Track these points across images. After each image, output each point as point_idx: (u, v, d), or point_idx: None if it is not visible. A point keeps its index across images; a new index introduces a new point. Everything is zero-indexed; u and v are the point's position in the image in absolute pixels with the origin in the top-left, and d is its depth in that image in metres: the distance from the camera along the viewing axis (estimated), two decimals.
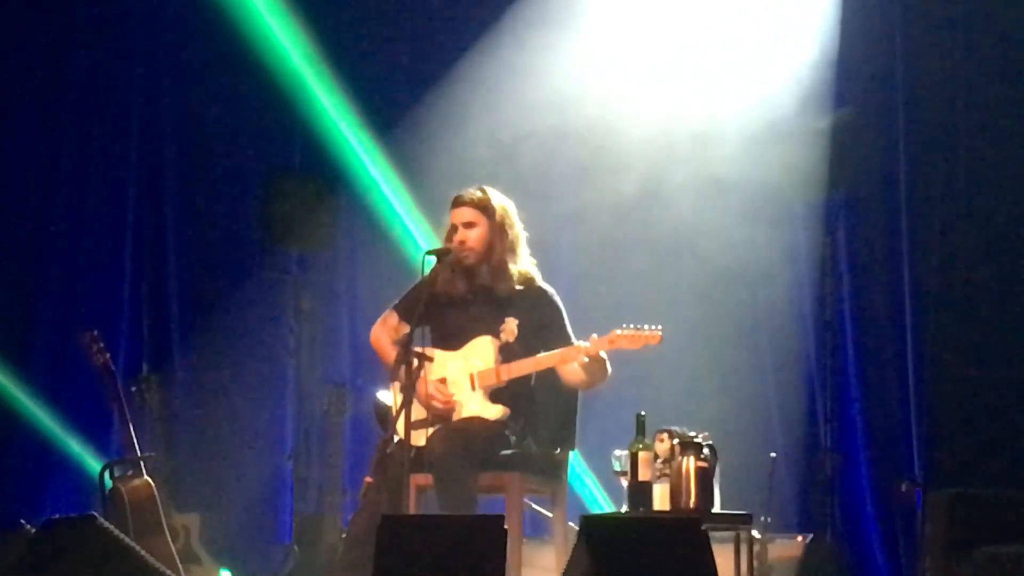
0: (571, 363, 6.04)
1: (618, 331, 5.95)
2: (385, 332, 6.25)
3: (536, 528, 7.05)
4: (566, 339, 6.14)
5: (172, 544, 7.10)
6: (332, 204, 8.54)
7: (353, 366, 8.54)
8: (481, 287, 6.20)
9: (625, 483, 5.77)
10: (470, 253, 6.14)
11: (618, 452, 5.85)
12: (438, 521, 5.27)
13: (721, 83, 8.06)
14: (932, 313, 7.74)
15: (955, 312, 7.68)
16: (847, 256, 8.00)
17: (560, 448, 6.22)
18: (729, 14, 8.10)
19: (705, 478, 5.65)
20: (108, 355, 7.27)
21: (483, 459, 5.93)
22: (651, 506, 5.67)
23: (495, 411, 6.06)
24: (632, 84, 8.16)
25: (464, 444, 5.89)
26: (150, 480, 7.10)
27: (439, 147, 8.26)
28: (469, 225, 6.15)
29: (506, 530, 4.85)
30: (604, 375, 6.08)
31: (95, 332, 7.29)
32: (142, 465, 7.15)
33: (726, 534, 5.85)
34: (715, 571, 4.83)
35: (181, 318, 8.72)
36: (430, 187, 8.22)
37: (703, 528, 4.95)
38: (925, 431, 7.69)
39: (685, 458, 5.65)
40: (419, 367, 5.74)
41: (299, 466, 8.43)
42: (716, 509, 5.71)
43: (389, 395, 6.10)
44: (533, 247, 6.32)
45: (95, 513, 5.11)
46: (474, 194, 6.20)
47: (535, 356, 6.08)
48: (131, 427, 7.15)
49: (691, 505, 5.62)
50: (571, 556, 4.95)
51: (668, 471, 5.69)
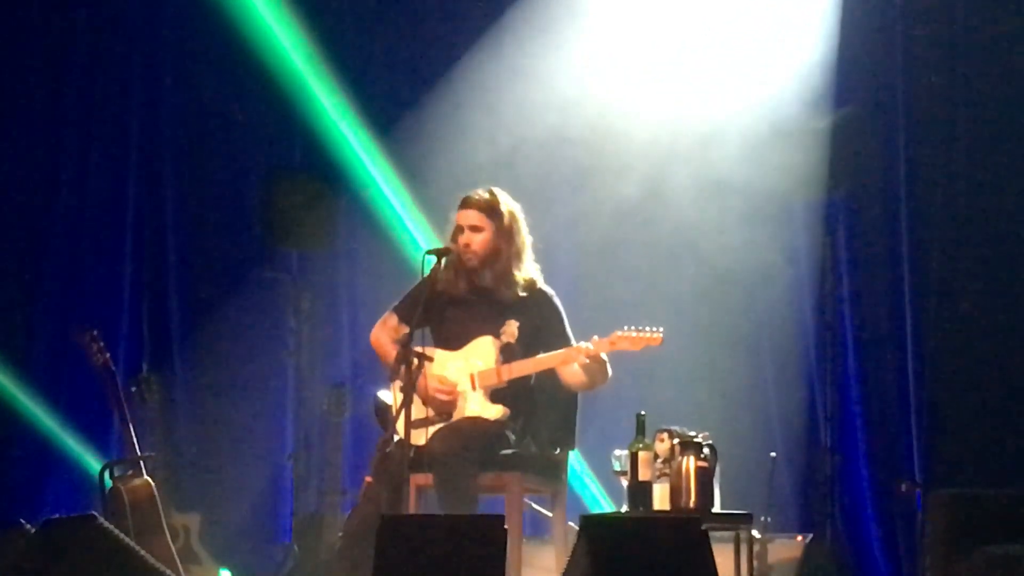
0: (572, 364, 6.04)
1: (619, 332, 5.96)
2: (385, 333, 6.25)
3: (536, 528, 7.04)
4: (566, 340, 6.13)
5: (172, 544, 7.10)
6: (332, 204, 8.53)
7: (353, 366, 8.53)
8: (482, 288, 6.19)
9: (625, 483, 5.77)
10: (473, 256, 6.13)
11: (618, 452, 5.85)
12: (438, 521, 5.26)
13: (721, 83, 8.06)
14: (932, 313, 7.73)
15: (955, 312, 7.68)
16: (847, 256, 7.99)
17: (560, 448, 6.22)
18: (729, 14, 8.10)
19: (705, 478, 5.65)
20: (108, 355, 7.26)
21: (484, 459, 5.93)
22: (651, 506, 5.67)
23: (495, 411, 6.06)
24: (632, 84, 8.15)
25: (465, 444, 5.89)
26: (150, 480, 7.09)
27: (439, 147, 8.26)
28: (475, 229, 6.12)
29: (506, 530, 4.85)
30: (605, 377, 6.08)
31: (95, 332, 7.29)
32: (142, 465, 7.14)
33: (726, 534, 5.85)
34: (715, 571, 4.84)
35: (181, 318, 8.71)
36: (430, 187, 8.22)
37: (703, 528, 4.95)
38: (925, 431, 7.69)
39: (685, 458, 5.65)
40: (419, 366, 5.75)
41: (299, 466, 8.43)
42: (716, 509, 5.71)
43: (389, 395, 6.10)
44: (534, 249, 6.31)
45: (95, 513, 5.11)
46: (483, 197, 6.16)
47: (536, 356, 6.08)
48: (131, 427, 7.14)
49: (691, 505, 5.61)
50: (571, 556, 4.95)
51: (668, 471, 5.69)
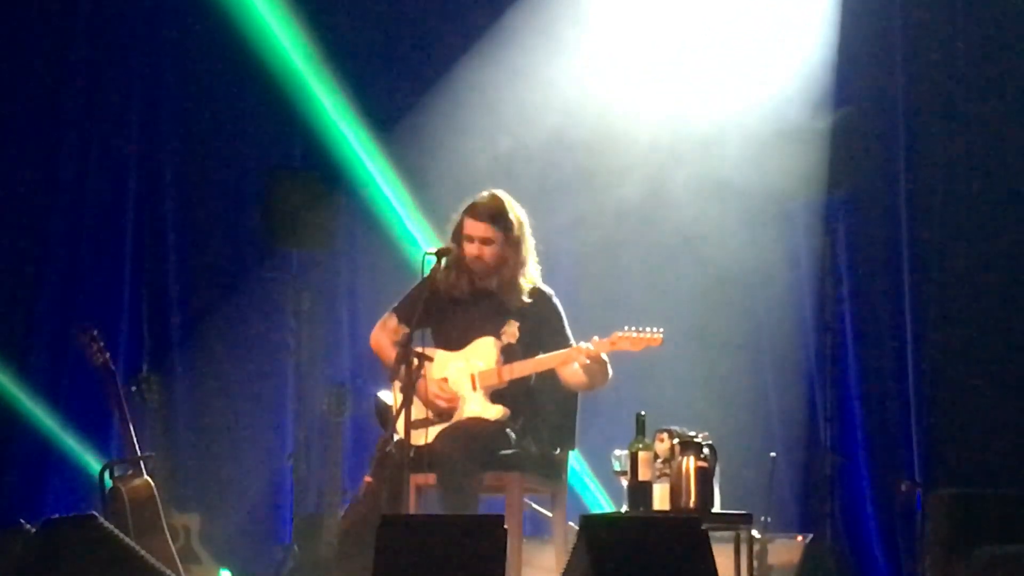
0: (572, 364, 6.04)
1: (620, 333, 5.96)
2: (385, 335, 6.24)
3: (536, 528, 7.04)
4: (565, 340, 6.13)
5: (172, 544, 7.09)
6: (332, 204, 8.53)
7: (353, 366, 8.53)
8: (484, 290, 6.19)
9: (625, 483, 5.77)
10: (484, 267, 6.14)
11: (618, 452, 5.85)
12: (438, 521, 5.26)
13: (721, 84, 8.06)
14: (932, 313, 7.73)
15: (955, 312, 7.68)
16: (847, 256, 7.99)
17: (560, 448, 6.22)
18: (729, 14, 8.10)
19: (705, 478, 5.65)
20: (108, 355, 7.25)
21: (485, 459, 5.94)
22: (651, 506, 5.67)
23: (495, 411, 6.06)
24: (632, 85, 8.15)
25: (469, 444, 5.89)
26: (150, 480, 7.09)
27: (440, 147, 8.25)
28: (486, 241, 6.12)
29: (506, 530, 4.85)
30: (605, 377, 6.08)
31: (95, 332, 7.28)
32: (142, 465, 7.13)
33: (726, 534, 5.85)
34: (715, 571, 4.84)
35: (181, 318, 8.71)
36: (430, 187, 8.22)
37: (703, 528, 4.95)
38: (925, 431, 7.69)
39: (685, 458, 5.65)
40: (419, 367, 5.75)
41: (299, 466, 8.43)
42: (716, 509, 5.71)
43: (390, 395, 6.10)
44: (535, 249, 6.31)
45: (95, 513, 5.11)
46: (492, 206, 6.12)
47: (536, 357, 6.08)
48: (131, 427, 7.14)
49: (691, 505, 5.62)
50: (571, 556, 4.95)
51: (668, 471, 5.69)
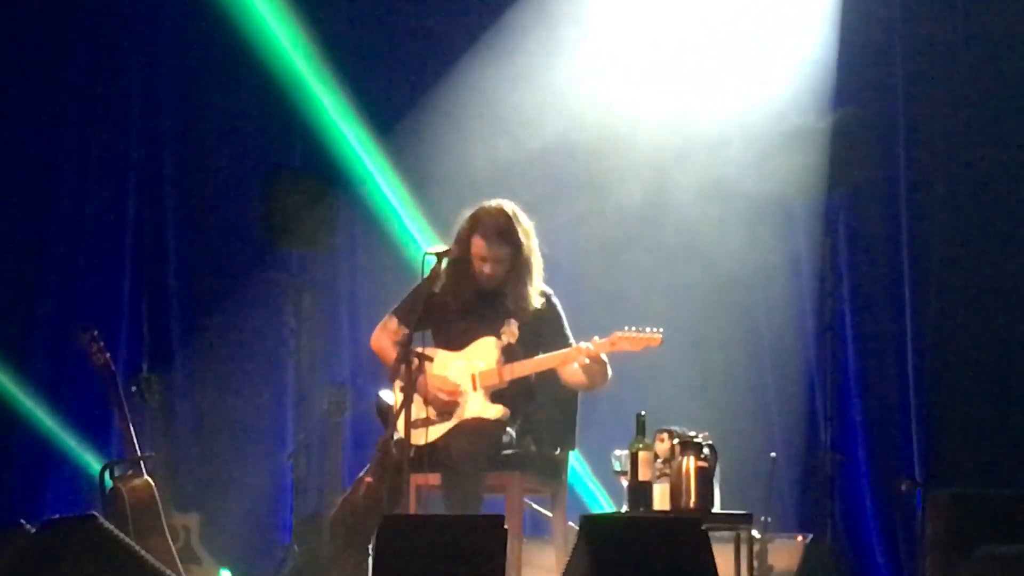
0: (572, 364, 6.04)
1: (619, 333, 5.96)
2: (386, 336, 6.25)
3: (536, 528, 7.04)
4: (565, 341, 6.14)
5: (172, 544, 7.09)
6: (332, 204, 8.53)
7: (353, 366, 8.53)
8: (487, 292, 6.18)
9: (625, 483, 5.77)
10: (492, 281, 6.14)
11: (618, 452, 5.85)
12: (438, 521, 5.27)
13: (721, 84, 8.05)
14: (932, 312, 7.73)
15: (955, 311, 7.67)
16: (847, 256, 7.99)
17: (560, 448, 6.22)
18: (729, 14, 8.10)
19: (705, 478, 5.65)
20: (108, 355, 7.25)
21: (489, 459, 5.94)
22: (651, 506, 5.67)
23: (495, 411, 6.06)
24: (632, 85, 8.15)
25: (475, 443, 5.90)
26: (150, 480, 7.09)
27: (440, 147, 8.25)
28: (496, 259, 6.12)
29: (506, 530, 4.85)
30: (604, 378, 6.08)
31: (95, 332, 7.28)
32: (142, 465, 7.13)
33: (726, 534, 5.85)
34: (715, 571, 4.84)
35: (181, 318, 8.71)
36: (431, 186, 8.22)
37: (703, 528, 4.95)
38: (925, 431, 7.69)
39: (685, 458, 5.65)
40: (419, 367, 5.75)
41: (299, 466, 8.42)
42: (716, 509, 5.71)
43: (391, 394, 6.10)
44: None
45: (95, 513, 5.11)
46: (501, 226, 6.10)
47: (536, 357, 6.08)
48: (131, 427, 7.14)
49: (691, 505, 5.62)
50: (571, 556, 4.95)
51: (668, 471, 5.69)
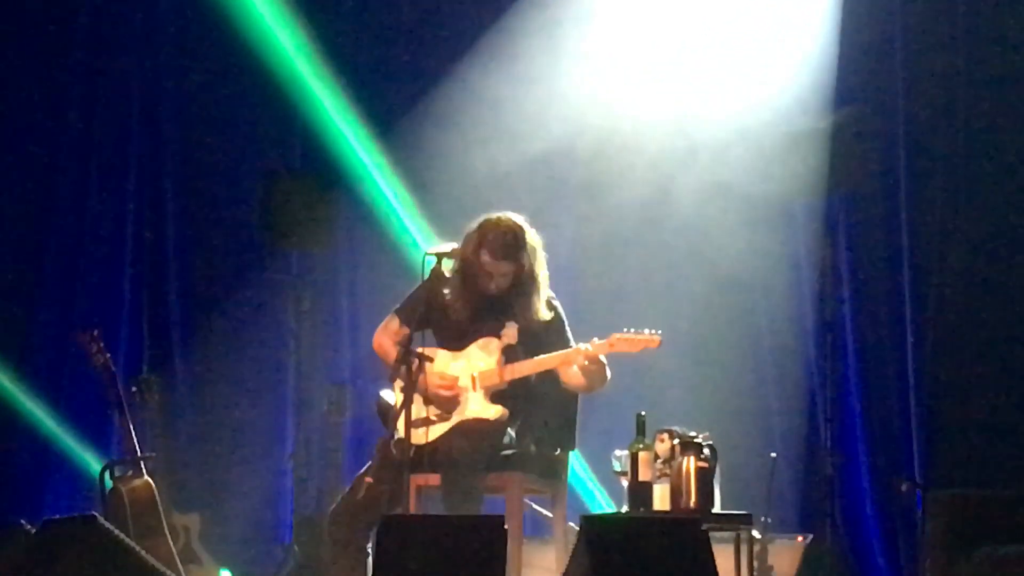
0: (572, 365, 6.04)
1: (618, 335, 5.96)
2: (387, 336, 6.24)
3: (536, 528, 7.04)
4: (566, 343, 6.14)
5: (172, 544, 7.09)
6: (332, 204, 8.53)
7: (353, 366, 8.53)
8: (492, 298, 6.18)
9: (625, 483, 5.76)
10: (498, 291, 6.15)
11: (618, 452, 5.84)
12: (438, 521, 5.27)
13: (721, 84, 8.06)
14: (932, 313, 7.73)
15: (955, 312, 7.68)
16: (847, 256, 8.00)
17: (560, 448, 6.22)
18: (729, 15, 8.10)
19: (705, 478, 5.65)
20: (108, 355, 7.25)
21: (489, 459, 5.94)
22: (651, 506, 5.67)
23: (494, 411, 6.06)
24: (632, 85, 8.16)
25: (475, 444, 5.89)
26: (150, 480, 7.08)
27: (440, 147, 8.25)
28: (502, 274, 6.13)
29: (506, 530, 4.85)
30: (603, 379, 6.07)
31: (95, 332, 7.28)
32: (142, 465, 7.13)
33: (726, 534, 5.85)
34: (715, 571, 4.84)
35: (181, 318, 8.72)
36: (431, 187, 8.23)
37: (703, 528, 4.95)
38: (925, 431, 7.70)
39: (685, 458, 5.64)
40: (419, 367, 5.75)
41: (299, 466, 8.43)
42: (716, 509, 5.70)
43: (392, 394, 6.10)
44: None
45: (95, 513, 5.11)
46: (509, 243, 6.06)
47: (536, 358, 6.08)
48: (131, 427, 7.14)
49: (691, 505, 5.61)
50: (571, 556, 4.95)
51: (668, 471, 5.68)
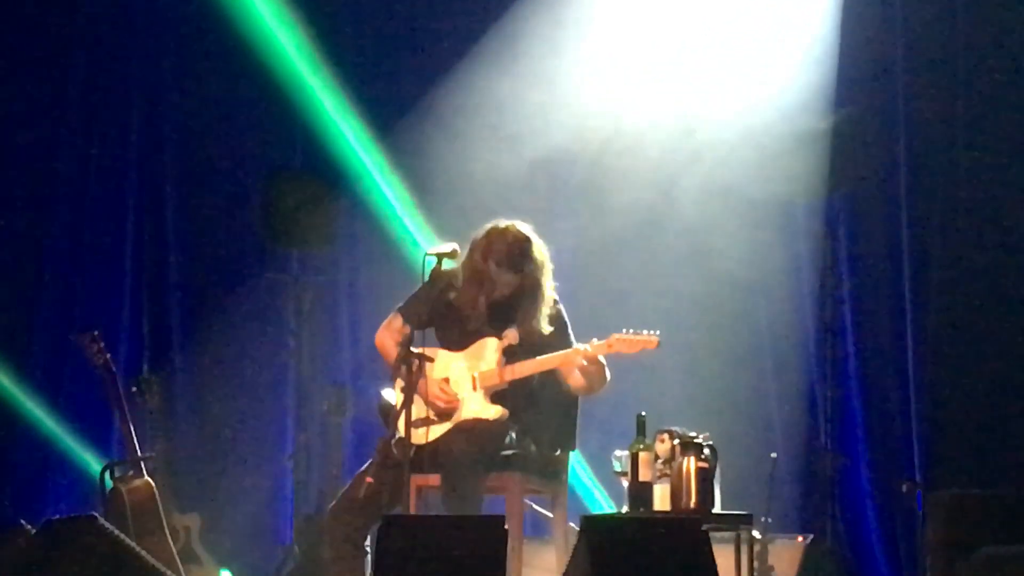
0: (572, 366, 6.04)
1: (617, 335, 5.97)
2: (390, 334, 6.24)
3: (537, 528, 7.04)
4: (568, 343, 6.14)
5: (172, 544, 7.10)
6: (332, 204, 8.53)
7: (353, 366, 8.54)
8: (497, 303, 6.17)
9: (626, 483, 5.77)
10: (502, 297, 6.15)
11: (619, 452, 5.84)
12: (438, 521, 5.27)
13: (721, 85, 8.06)
14: (932, 313, 7.73)
15: (955, 312, 7.67)
16: (847, 256, 7.99)
17: (561, 449, 6.22)
18: (729, 15, 8.10)
19: (705, 478, 5.65)
20: (108, 355, 7.25)
21: (490, 460, 5.94)
22: (651, 506, 5.67)
23: (494, 412, 6.06)
24: (632, 85, 8.15)
25: (475, 444, 5.89)
26: (150, 480, 7.09)
27: (441, 148, 8.25)
28: (506, 284, 6.12)
29: (506, 530, 4.85)
30: (603, 381, 6.08)
31: (95, 332, 7.28)
32: (142, 465, 7.14)
33: (726, 534, 5.85)
34: (715, 571, 4.84)
35: (181, 318, 8.72)
36: (431, 187, 8.22)
37: (703, 528, 4.95)
38: (925, 431, 7.69)
39: (685, 458, 5.65)
40: (419, 368, 5.75)
41: (299, 467, 8.43)
42: (716, 509, 5.71)
43: (393, 393, 6.10)
44: None
45: (95, 513, 5.11)
46: (516, 255, 6.07)
47: (536, 358, 6.08)
48: (131, 427, 7.14)
49: (691, 505, 5.61)
50: (572, 556, 4.95)
51: (669, 471, 5.69)
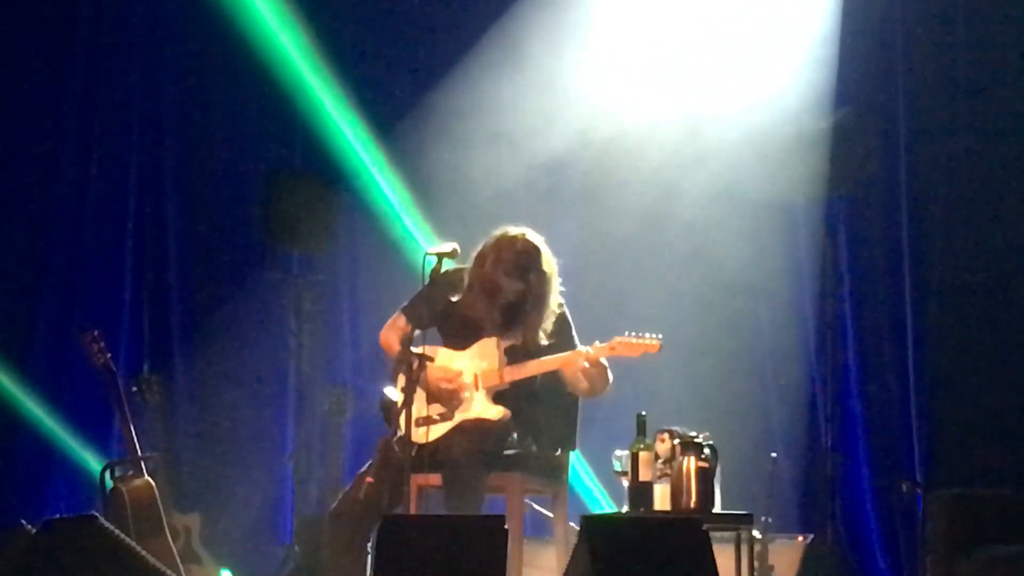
0: (574, 368, 6.05)
1: (619, 338, 5.98)
2: (393, 333, 6.24)
3: (537, 528, 7.04)
4: (571, 345, 6.14)
5: (173, 544, 7.10)
6: (332, 204, 8.53)
7: (354, 366, 8.53)
8: (503, 306, 6.17)
9: (626, 483, 5.77)
10: (507, 301, 6.15)
11: (619, 452, 5.84)
12: (439, 521, 5.27)
13: (721, 86, 8.06)
14: (932, 313, 7.74)
15: (955, 312, 7.68)
16: (847, 256, 8.00)
17: (561, 448, 6.22)
18: (729, 15, 8.10)
19: (706, 478, 5.65)
20: (109, 355, 7.25)
21: (491, 459, 5.94)
22: (652, 506, 5.67)
23: (496, 412, 6.06)
24: (631, 85, 8.15)
25: (476, 443, 5.90)
26: (151, 480, 7.09)
27: (441, 148, 8.25)
28: (513, 291, 6.13)
29: (507, 530, 4.85)
30: (605, 383, 6.08)
31: (96, 332, 7.27)
32: (143, 465, 7.14)
33: (727, 534, 5.85)
34: (716, 571, 4.84)
35: (181, 318, 8.71)
36: (431, 187, 8.22)
37: (704, 528, 4.95)
38: (925, 431, 7.70)
39: (686, 458, 5.65)
40: (420, 367, 5.75)
41: (300, 466, 8.43)
42: (717, 509, 5.71)
43: (395, 392, 6.10)
44: None
45: (95, 513, 5.11)
46: (525, 264, 6.09)
47: (538, 359, 6.08)
48: (131, 427, 7.14)
49: (692, 505, 5.61)
50: (572, 556, 4.95)
51: (669, 471, 5.69)
